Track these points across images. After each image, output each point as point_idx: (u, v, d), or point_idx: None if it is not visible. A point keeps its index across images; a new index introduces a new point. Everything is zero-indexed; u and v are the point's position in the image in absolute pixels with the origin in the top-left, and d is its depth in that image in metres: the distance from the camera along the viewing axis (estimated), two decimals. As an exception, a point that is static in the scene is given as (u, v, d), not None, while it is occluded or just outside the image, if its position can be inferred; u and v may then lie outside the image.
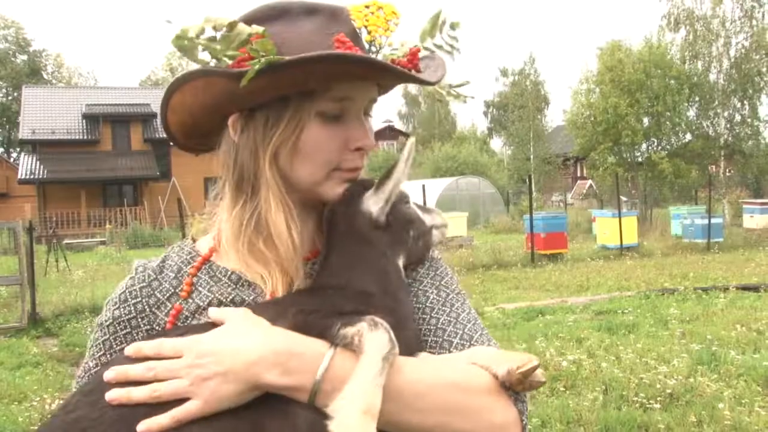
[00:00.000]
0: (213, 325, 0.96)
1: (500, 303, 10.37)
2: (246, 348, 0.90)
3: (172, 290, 1.11)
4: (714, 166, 25.30)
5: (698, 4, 24.92)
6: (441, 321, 1.09)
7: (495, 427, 0.95)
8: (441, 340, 1.06)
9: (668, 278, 12.29)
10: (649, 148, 25.00)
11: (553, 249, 15.92)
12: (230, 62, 1.00)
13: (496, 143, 61.19)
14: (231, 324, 0.95)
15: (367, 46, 1.06)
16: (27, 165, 35.29)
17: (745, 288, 10.40)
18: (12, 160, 51.79)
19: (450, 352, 1.04)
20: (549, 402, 5.45)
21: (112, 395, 0.91)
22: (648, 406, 5.23)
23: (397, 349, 0.90)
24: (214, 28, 1.00)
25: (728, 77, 24.47)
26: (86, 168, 34.84)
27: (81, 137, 36.85)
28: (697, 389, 5.48)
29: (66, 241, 23.42)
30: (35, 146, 36.27)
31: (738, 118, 25.10)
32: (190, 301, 1.08)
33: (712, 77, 24.91)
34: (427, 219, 1.16)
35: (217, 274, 1.11)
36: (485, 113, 62.94)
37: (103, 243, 26.37)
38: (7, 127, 59.92)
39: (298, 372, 0.88)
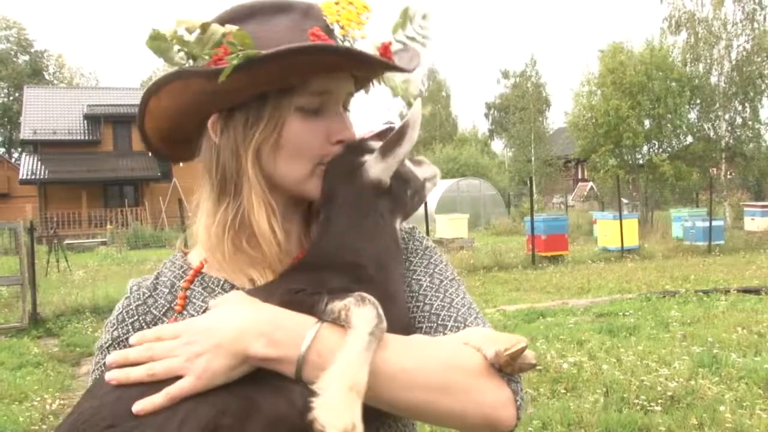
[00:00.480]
0: None
1: (501, 305, 10.37)
2: (234, 322, 0.91)
3: (168, 305, 1.11)
4: (715, 169, 25.30)
5: (699, 6, 24.98)
6: (435, 306, 1.08)
7: (486, 407, 0.94)
8: (435, 325, 1.06)
9: (669, 281, 12.28)
10: (650, 150, 25.02)
11: (554, 251, 15.92)
12: (207, 60, 1.00)
13: (497, 145, 61.19)
14: (224, 304, 0.96)
15: (341, 40, 1.06)
16: (28, 165, 35.32)
17: (746, 291, 10.40)
18: (13, 160, 51.84)
19: (445, 335, 1.04)
20: (550, 404, 5.45)
21: (111, 375, 0.92)
22: (649, 408, 5.23)
23: (384, 324, 0.90)
24: (187, 30, 0.99)
25: (729, 80, 24.48)
26: (87, 168, 34.86)
27: (82, 138, 36.88)
28: (698, 392, 5.47)
29: (67, 241, 23.43)
30: (36, 146, 36.31)
31: (739, 120, 25.12)
32: (185, 314, 1.09)
33: (713, 80, 24.94)
34: (420, 173, 1.15)
35: (210, 285, 1.12)
36: (486, 115, 62.93)
37: (104, 243, 26.38)
38: (9, 127, 59.98)
39: (284, 344, 0.89)
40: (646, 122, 24.44)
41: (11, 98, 59.18)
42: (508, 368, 0.94)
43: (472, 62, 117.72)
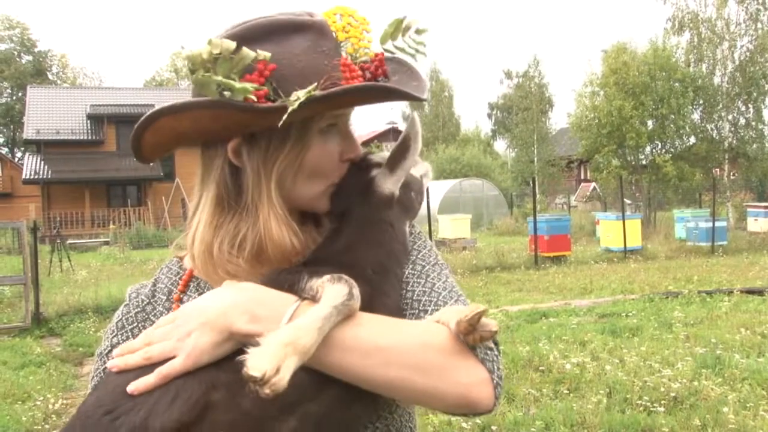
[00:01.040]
0: None
1: (504, 305, 10.36)
2: (220, 301, 0.95)
3: (165, 311, 1.13)
4: (718, 170, 25.25)
5: (703, 7, 24.92)
6: (417, 293, 1.10)
7: (461, 386, 0.95)
8: (417, 311, 1.08)
9: (672, 281, 12.27)
10: (653, 151, 24.97)
11: (557, 251, 15.90)
12: (235, 80, 0.98)
13: (500, 145, 61.18)
14: (215, 289, 1.01)
15: (349, 58, 1.07)
16: (31, 165, 35.38)
17: (750, 291, 10.38)
18: (16, 160, 51.97)
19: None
20: (553, 405, 5.45)
21: (112, 363, 0.97)
22: (652, 409, 5.22)
23: (354, 302, 0.93)
24: (221, 54, 0.98)
25: (732, 80, 24.44)
26: (90, 168, 34.91)
27: (85, 137, 36.92)
28: (702, 393, 5.46)
29: (70, 241, 23.46)
30: (40, 146, 36.37)
31: (742, 121, 25.06)
32: None
33: (716, 80, 24.88)
34: (416, 172, 1.19)
35: (206, 289, 1.14)
36: (489, 115, 62.93)
37: (106, 243, 26.43)
38: (12, 127, 60.09)
39: (266, 320, 0.92)
40: (649, 123, 24.39)
41: (14, 98, 59.30)
42: (470, 337, 0.94)
43: (475, 62, 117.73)
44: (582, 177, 46.54)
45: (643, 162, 25.19)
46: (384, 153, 1.14)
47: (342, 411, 0.96)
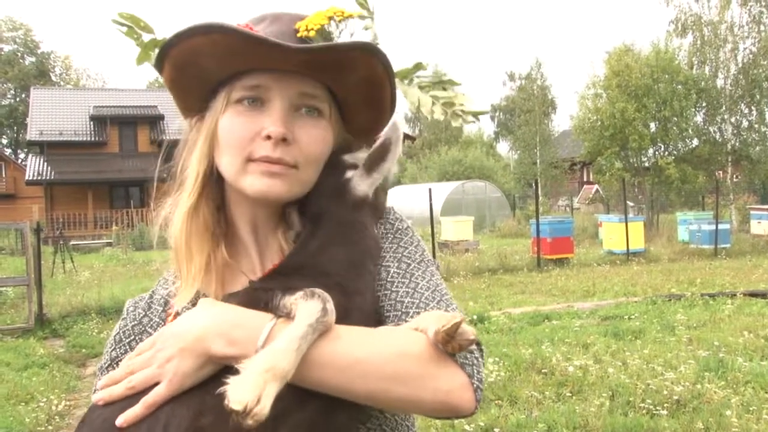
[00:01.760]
0: None
1: (506, 307, 10.35)
2: (197, 325, 0.95)
3: (162, 323, 1.14)
4: (721, 172, 25.22)
5: (706, 9, 24.90)
6: (400, 294, 1.09)
7: (441, 393, 0.95)
8: (400, 313, 1.07)
9: (675, 284, 12.25)
10: (656, 153, 24.96)
11: (560, 254, 15.89)
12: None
13: (503, 147, 61.23)
14: (189, 311, 1.01)
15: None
16: (34, 166, 35.43)
17: (753, 294, 10.35)
18: (19, 161, 52.06)
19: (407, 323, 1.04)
20: (555, 407, 5.45)
21: (97, 396, 0.98)
22: (655, 412, 5.22)
23: (329, 317, 0.93)
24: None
25: (735, 83, 24.41)
26: (93, 169, 34.94)
27: (88, 139, 36.96)
28: (705, 396, 5.46)
29: (72, 242, 23.49)
30: (43, 147, 36.39)
31: (745, 123, 25.04)
32: None
33: (719, 83, 24.86)
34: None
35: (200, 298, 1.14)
36: (492, 117, 62.95)
37: (109, 244, 26.46)
38: (15, 128, 60.20)
39: (242, 342, 0.92)
40: (652, 125, 24.37)
41: (18, 99, 59.41)
42: (448, 346, 0.94)
43: (477, 64, 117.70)
44: (585, 179, 46.53)
45: (646, 164, 25.17)
46: (360, 154, 1.12)
47: (331, 415, 0.96)
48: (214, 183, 1.14)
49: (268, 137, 1.05)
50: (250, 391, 0.84)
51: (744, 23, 24.54)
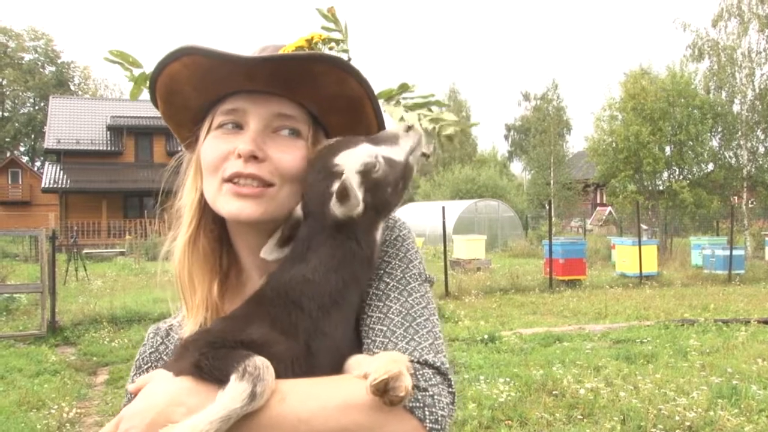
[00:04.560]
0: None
1: (517, 328, 10.31)
2: (155, 400, 0.98)
3: None
4: (736, 197, 25.07)
5: (723, 35, 24.87)
6: (372, 319, 1.08)
7: None
8: (369, 341, 1.06)
9: (688, 309, 12.15)
10: (671, 176, 24.87)
11: (572, 275, 15.83)
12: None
13: (516, 167, 61.20)
14: (148, 384, 1.02)
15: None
16: (51, 174, 35.76)
17: (767, 322, 10.26)
18: (36, 168, 52.55)
19: (375, 353, 1.03)
20: (566, 429, 5.41)
21: None
22: (667, 438, 5.17)
23: (258, 401, 0.91)
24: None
25: (752, 108, 24.33)
26: (108, 179, 35.24)
27: (105, 148, 37.36)
28: (717, 423, 5.41)
29: (86, 250, 23.62)
30: (60, 156, 36.79)
31: (761, 149, 24.91)
32: None
33: (735, 108, 24.78)
34: (398, 153, 1.10)
35: None
36: (506, 136, 63.04)
37: (122, 254, 26.58)
38: (33, 136, 60.83)
39: (200, 408, 0.94)
40: (667, 148, 24.30)
41: (36, 108, 60.08)
42: (384, 399, 0.92)
43: (493, 83, 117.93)
44: (598, 201, 46.37)
45: (660, 188, 25.08)
46: (351, 162, 1.06)
47: None
48: (209, 213, 1.16)
49: (239, 155, 1.07)
50: None
51: (761, 49, 24.49)
